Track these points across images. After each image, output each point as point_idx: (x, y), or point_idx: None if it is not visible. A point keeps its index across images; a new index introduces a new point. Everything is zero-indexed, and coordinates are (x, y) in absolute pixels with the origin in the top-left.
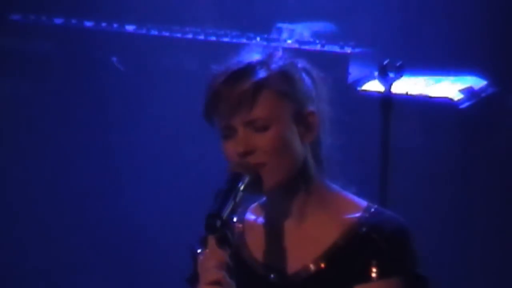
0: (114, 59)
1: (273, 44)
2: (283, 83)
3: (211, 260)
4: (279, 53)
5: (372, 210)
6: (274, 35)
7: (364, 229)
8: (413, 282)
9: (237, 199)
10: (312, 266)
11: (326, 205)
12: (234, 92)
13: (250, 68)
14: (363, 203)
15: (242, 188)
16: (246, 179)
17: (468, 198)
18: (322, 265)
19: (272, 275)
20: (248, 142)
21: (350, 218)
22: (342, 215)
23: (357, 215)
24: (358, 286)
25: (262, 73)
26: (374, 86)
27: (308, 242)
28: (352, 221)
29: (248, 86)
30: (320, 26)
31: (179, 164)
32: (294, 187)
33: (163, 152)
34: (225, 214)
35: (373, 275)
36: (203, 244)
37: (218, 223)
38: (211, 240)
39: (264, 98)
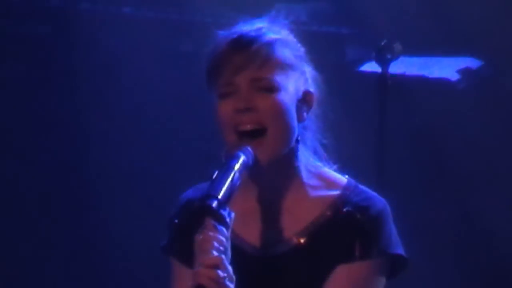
0: (111, 40)
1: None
2: (292, 56)
3: (209, 243)
4: (287, 30)
5: (354, 187)
6: (271, 16)
7: (347, 207)
8: (394, 262)
9: (234, 179)
10: (292, 241)
11: (307, 181)
12: (246, 48)
13: (259, 30)
14: (343, 179)
15: (237, 167)
16: (242, 159)
17: (465, 177)
18: (302, 240)
19: (252, 249)
20: (250, 99)
21: (331, 195)
22: (324, 192)
23: (338, 192)
24: (341, 265)
25: (275, 41)
26: (371, 67)
27: (289, 217)
28: (334, 198)
29: (262, 44)
30: (317, 7)
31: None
32: (281, 163)
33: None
34: (222, 194)
35: (356, 254)
36: (201, 225)
37: (215, 203)
38: (209, 221)
39: (275, 60)
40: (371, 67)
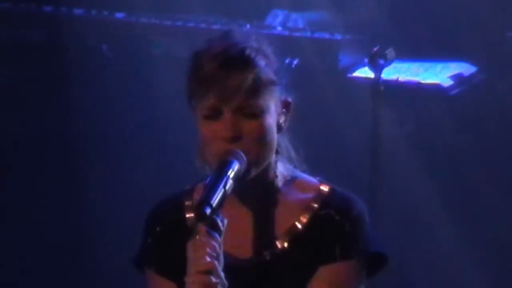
0: (104, 46)
1: (264, 31)
2: (274, 72)
3: (202, 248)
4: (264, 39)
5: (330, 190)
6: (267, 21)
7: (325, 210)
8: (374, 260)
9: (227, 186)
10: (273, 247)
11: (284, 186)
12: (230, 77)
13: (245, 54)
14: (316, 181)
15: (231, 175)
16: (236, 167)
17: (458, 185)
18: (284, 245)
19: (233, 260)
20: (236, 128)
21: (308, 198)
22: (301, 195)
23: (313, 194)
24: (323, 267)
25: (259, 60)
26: (364, 72)
27: (268, 224)
28: (311, 201)
29: (246, 73)
30: (314, 15)
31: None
32: (260, 173)
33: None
34: (215, 202)
35: (337, 255)
36: (194, 232)
37: (208, 210)
38: (202, 228)
39: (261, 85)
40: (364, 73)
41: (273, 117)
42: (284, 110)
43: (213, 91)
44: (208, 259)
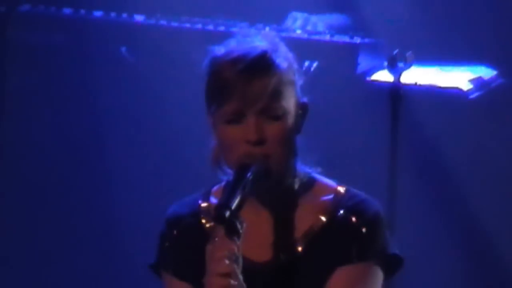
0: (123, 49)
1: (283, 33)
2: (293, 73)
3: (221, 251)
4: (280, 40)
5: (346, 191)
6: (286, 24)
7: (341, 212)
8: (390, 262)
9: (246, 189)
10: (290, 250)
11: (300, 189)
12: (252, 81)
13: (267, 57)
14: (334, 184)
15: (250, 178)
16: (255, 170)
17: (478, 189)
18: (300, 248)
19: (251, 261)
20: (261, 131)
21: (325, 200)
22: (317, 198)
23: (331, 196)
24: (340, 268)
25: (280, 63)
26: (383, 76)
27: (285, 227)
28: (327, 203)
29: (268, 76)
30: (334, 18)
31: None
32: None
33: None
34: (234, 204)
35: (354, 257)
36: (213, 234)
37: (227, 213)
38: (220, 231)
39: (282, 88)
40: (383, 76)
41: (293, 118)
42: (301, 111)
43: (236, 96)
44: (227, 261)
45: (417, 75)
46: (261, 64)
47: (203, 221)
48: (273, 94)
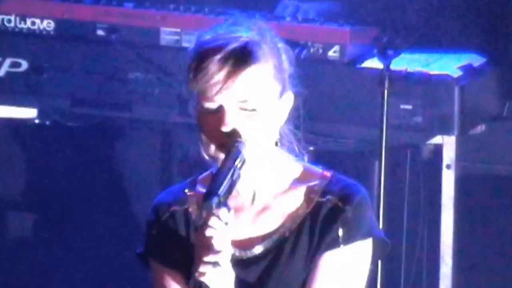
0: (113, 36)
1: (273, 21)
2: (276, 65)
3: (209, 239)
4: (269, 30)
5: (331, 177)
6: (276, 11)
7: (327, 197)
8: (377, 244)
9: (234, 176)
10: (276, 236)
11: (285, 175)
12: (231, 71)
13: (247, 48)
14: (319, 170)
15: (239, 165)
16: (243, 157)
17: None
18: (287, 234)
19: (238, 249)
20: (236, 122)
21: (310, 186)
22: (302, 184)
23: (316, 182)
24: (328, 252)
25: (261, 55)
26: (373, 63)
27: (270, 213)
28: (313, 189)
29: (247, 67)
30: (325, 5)
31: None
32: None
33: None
34: (223, 191)
35: (340, 241)
36: (201, 221)
37: (215, 200)
38: (208, 218)
39: (260, 80)
40: (373, 63)
41: (274, 110)
42: (286, 102)
43: (214, 85)
44: (215, 249)
45: (407, 63)
46: (240, 55)
47: (190, 209)
48: (250, 85)
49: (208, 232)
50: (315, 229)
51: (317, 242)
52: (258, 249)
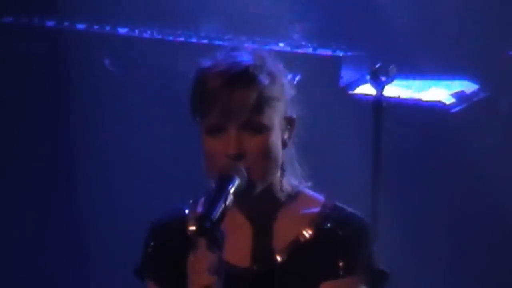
0: (107, 61)
1: (266, 47)
2: (278, 88)
3: (202, 263)
4: (269, 56)
5: (333, 205)
6: (267, 38)
7: (328, 224)
8: (376, 277)
9: (227, 201)
10: (274, 260)
11: (287, 200)
12: (234, 95)
13: (249, 72)
14: (321, 197)
15: (232, 191)
16: (237, 182)
17: (460, 201)
18: (284, 259)
19: (234, 269)
20: (240, 145)
21: (311, 213)
22: (303, 210)
23: (317, 209)
24: (325, 283)
25: (262, 78)
26: (366, 89)
27: (269, 237)
28: (314, 216)
29: (250, 91)
30: (313, 27)
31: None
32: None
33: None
34: (216, 216)
35: (340, 271)
36: (193, 246)
37: (208, 225)
38: (202, 242)
39: (263, 103)
40: (366, 90)
41: (277, 133)
42: (288, 126)
43: (217, 108)
44: (207, 273)
45: (400, 89)
46: (243, 79)
47: (190, 228)
48: (254, 108)
49: (200, 257)
50: (313, 256)
51: (316, 270)
52: (253, 270)
